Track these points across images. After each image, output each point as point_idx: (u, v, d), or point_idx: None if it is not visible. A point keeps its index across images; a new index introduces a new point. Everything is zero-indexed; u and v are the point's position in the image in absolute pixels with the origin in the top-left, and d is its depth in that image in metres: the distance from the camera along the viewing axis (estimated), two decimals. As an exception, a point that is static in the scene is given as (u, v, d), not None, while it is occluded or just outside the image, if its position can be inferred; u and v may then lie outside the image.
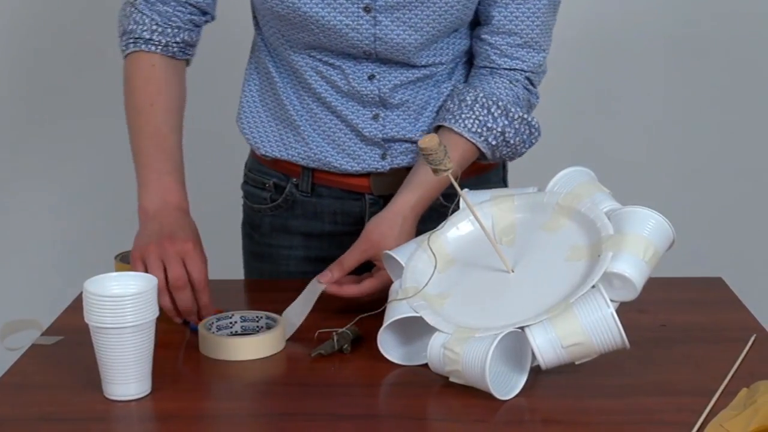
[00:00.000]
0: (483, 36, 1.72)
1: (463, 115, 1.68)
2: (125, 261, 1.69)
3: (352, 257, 1.63)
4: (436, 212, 1.72)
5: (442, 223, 1.56)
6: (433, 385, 1.41)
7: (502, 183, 1.89)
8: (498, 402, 1.35)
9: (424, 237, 1.54)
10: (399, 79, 1.71)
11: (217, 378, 1.47)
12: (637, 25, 2.91)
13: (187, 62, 1.76)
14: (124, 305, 1.34)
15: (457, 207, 1.56)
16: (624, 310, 1.38)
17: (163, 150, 1.66)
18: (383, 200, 1.78)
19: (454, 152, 1.62)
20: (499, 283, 1.47)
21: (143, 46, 1.70)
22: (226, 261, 1.90)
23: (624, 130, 2.97)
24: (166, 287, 1.54)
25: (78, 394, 1.40)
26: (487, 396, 1.35)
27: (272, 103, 1.78)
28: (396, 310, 1.46)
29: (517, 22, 1.69)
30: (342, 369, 1.47)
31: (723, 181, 2.99)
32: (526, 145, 1.74)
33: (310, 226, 1.82)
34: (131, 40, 1.70)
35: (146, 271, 1.54)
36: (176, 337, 1.59)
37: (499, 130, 1.68)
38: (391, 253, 1.55)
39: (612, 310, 1.34)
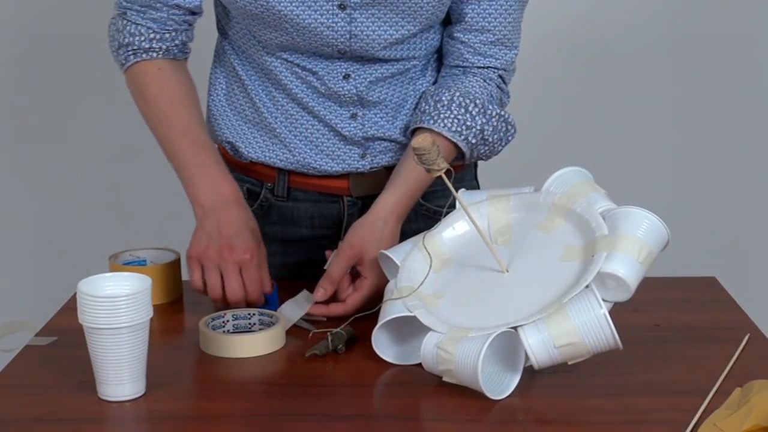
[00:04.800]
0: (455, 34, 1.71)
1: (441, 115, 1.67)
2: (119, 261, 1.70)
3: (338, 267, 1.61)
4: (414, 212, 1.72)
5: (438, 223, 1.55)
6: (427, 384, 1.40)
7: (475, 180, 1.89)
8: (492, 402, 1.35)
9: (419, 237, 1.54)
10: (374, 76, 1.70)
11: (212, 378, 1.46)
12: (633, 25, 2.90)
13: (185, 60, 1.75)
14: (118, 306, 1.33)
15: (453, 206, 1.56)
16: (618, 309, 1.38)
17: (200, 144, 1.65)
18: (362, 202, 1.78)
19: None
20: (493, 283, 1.47)
21: (144, 56, 1.68)
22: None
23: (620, 130, 2.96)
24: (223, 296, 1.57)
25: (72, 394, 1.39)
26: (481, 396, 1.35)
27: (243, 107, 1.76)
28: (390, 310, 1.46)
29: (490, 19, 1.69)
30: (336, 369, 1.46)
31: (718, 182, 2.99)
32: (503, 143, 1.73)
33: (287, 231, 1.81)
34: (130, 52, 1.68)
35: (203, 275, 1.57)
36: (170, 338, 1.59)
37: (478, 128, 1.68)
38: (387, 252, 1.55)
39: (605, 310, 1.34)
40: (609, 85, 2.94)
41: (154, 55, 1.68)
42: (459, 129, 1.67)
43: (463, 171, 1.83)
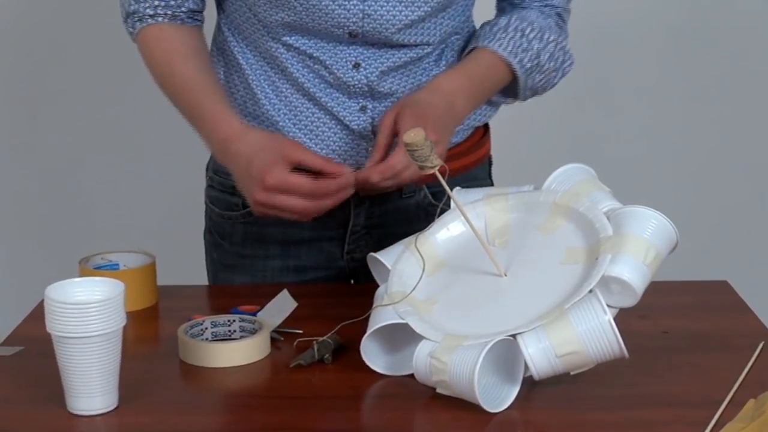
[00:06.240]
0: None
1: (497, 36, 1.68)
2: (90, 265, 1.68)
3: (385, 125, 1.56)
4: (424, 211, 1.69)
5: (432, 224, 1.53)
6: (419, 396, 1.38)
7: (489, 179, 1.86)
8: (488, 415, 1.32)
9: (411, 238, 1.52)
10: (386, 65, 1.67)
11: (189, 390, 1.45)
12: (636, 18, 2.91)
13: (199, 28, 1.74)
14: (89, 313, 1.31)
15: (447, 206, 1.53)
16: (624, 315, 1.37)
17: (196, 93, 1.63)
18: (369, 201, 1.74)
19: (488, 73, 1.63)
20: (490, 287, 1.45)
21: (150, 21, 1.67)
22: (191, 266, 1.84)
23: (625, 126, 2.97)
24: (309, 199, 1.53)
25: (39, 408, 1.37)
26: (477, 408, 1.32)
27: (243, 98, 1.72)
28: (381, 317, 1.43)
29: None
30: (323, 380, 1.44)
31: (728, 180, 3.00)
32: (559, 74, 1.74)
33: (289, 233, 1.76)
34: (137, 19, 1.68)
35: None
36: (145, 347, 1.58)
37: (534, 52, 1.69)
38: (376, 255, 1.52)
39: (609, 317, 1.32)
40: (613, 79, 2.95)
41: (160, 20, 1.67)
42: (515, 50, 1.68)
43: (477, 168, 1.80)
